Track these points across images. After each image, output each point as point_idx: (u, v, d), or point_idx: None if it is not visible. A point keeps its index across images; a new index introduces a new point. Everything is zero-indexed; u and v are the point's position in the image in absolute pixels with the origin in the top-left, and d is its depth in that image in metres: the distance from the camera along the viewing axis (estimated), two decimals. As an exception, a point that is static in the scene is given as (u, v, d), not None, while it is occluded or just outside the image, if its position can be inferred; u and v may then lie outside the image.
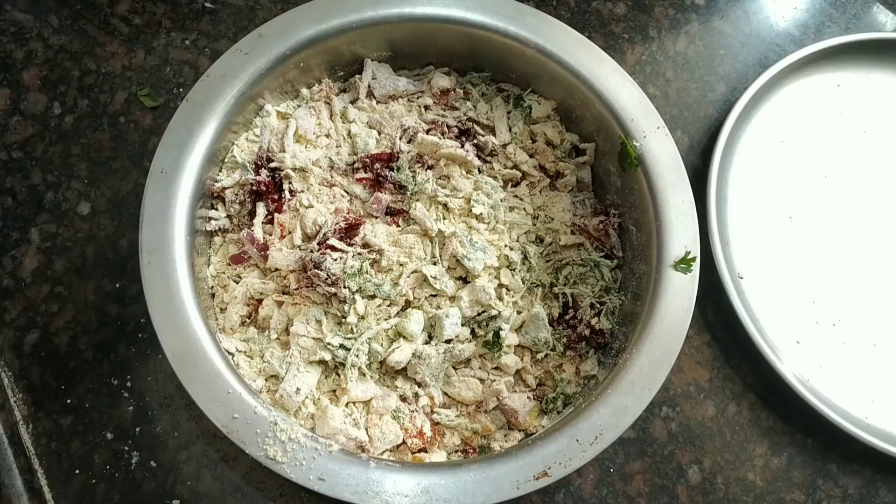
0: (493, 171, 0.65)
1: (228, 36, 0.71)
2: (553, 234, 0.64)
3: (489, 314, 0.59)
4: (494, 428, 0.58)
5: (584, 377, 0.60)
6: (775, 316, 0.68)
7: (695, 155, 0.73)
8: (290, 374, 0.55)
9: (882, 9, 0.81)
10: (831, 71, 0.77)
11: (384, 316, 0.58)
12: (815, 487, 0.64)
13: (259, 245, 0.59)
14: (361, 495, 0.49)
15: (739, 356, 0.67)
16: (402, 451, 0.56)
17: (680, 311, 0.57)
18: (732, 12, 0.79)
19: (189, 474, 0.58)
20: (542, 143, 0.66)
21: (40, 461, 0.58)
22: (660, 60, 0.76)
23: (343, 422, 0.54)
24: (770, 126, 0.74)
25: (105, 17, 0.71)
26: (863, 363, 0.68)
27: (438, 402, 0.58)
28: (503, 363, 0.59)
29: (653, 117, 0.61)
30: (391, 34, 0.63)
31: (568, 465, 0.52)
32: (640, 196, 0.61)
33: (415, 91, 0.66)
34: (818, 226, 0.72)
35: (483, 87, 0.68)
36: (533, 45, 0.62)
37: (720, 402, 0.66)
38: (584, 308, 0.61)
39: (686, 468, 0.63)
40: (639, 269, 0.61)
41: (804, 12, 0.80)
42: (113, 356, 0.61)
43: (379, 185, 0.62)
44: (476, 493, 0.50)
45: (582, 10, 0.76)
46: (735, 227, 0.70)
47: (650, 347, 0.55)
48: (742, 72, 0.77)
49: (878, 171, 0.74)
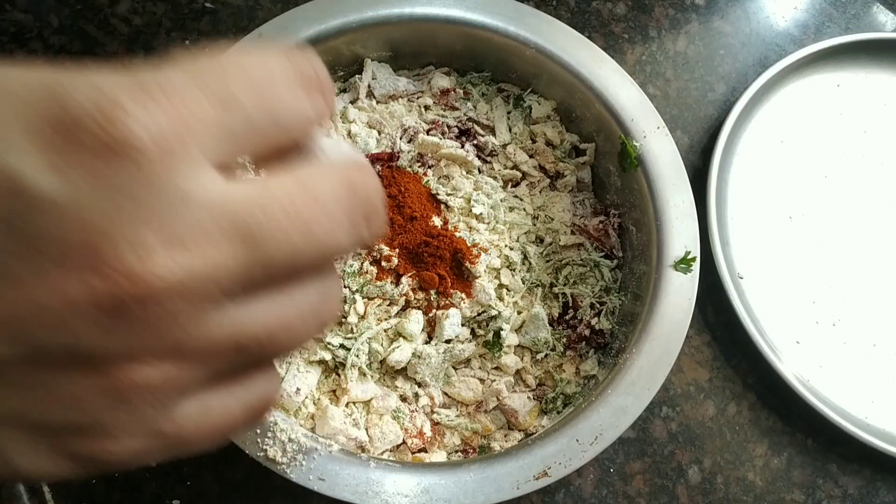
0: (493, 172, 0.65)
1: (228, 36, 0.71)
2: (553, 235, 0.64)
3: (489, 314, 0.59)
4: (494, 428, 0.58)
5: (584, 377, 0.60)
6: (775, 316, 0.68)
7: (695, 155, 0.73)
8: (290, 374, 0.55)
9: (882, 9, 0.81)
10: (831, 71, 0.77)
11: (384, 316, 0.58)
12: (815, 487, 0.64)
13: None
14: (361, 495, 0.49)
15: (739, 356, 0.67)
16: (402, 451, 0.57)
17: (680, 311, 0.57)
18: (732, 12, 0.79)
19: (189, 474, 0.58)
20: (542, 144, 0.66)
21: (40, 461, 0.58)
22: (660, 60, 0.76)
23: (343, 422, 0.54)
24: (770, 126, 0.74)
25: (105, 17, 0.71)
26: (863, 363, 0.68)
27: (438, 402, 0.58)
28: (503, 363, 0.59)
29: (653, 117, 0.61)
30: (391, 34, 0.63)
31: (568, 465, 0.52)
32: (640, 196, 0.61)
33: (415, 91, 0.66)
34: (818, 226, 0.72)
35: (483, 87, 0.68)
36: (533, 45, 0.62)
37: (720, 402, 0.66)
38: (584, 308, 0.61)
39: (686, 468, 0.63)
40: (639, 269, 0.61)
41: (804, 12, 0.80)
42: (113, 356, 0.61)
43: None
44: (476, 493, 0.50)
45: (582, 10, 0.76)
46: (735, 227, 0.70)
47: (650, 347, 0.55)
48: (742, 72, 0.77)
49: (878, 171, 0.74)
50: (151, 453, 0.21)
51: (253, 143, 0.21)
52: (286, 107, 0.21)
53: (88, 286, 0.18)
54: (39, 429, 0.20)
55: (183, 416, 0.21)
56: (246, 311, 0.20)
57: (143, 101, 0.18)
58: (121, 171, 0.18)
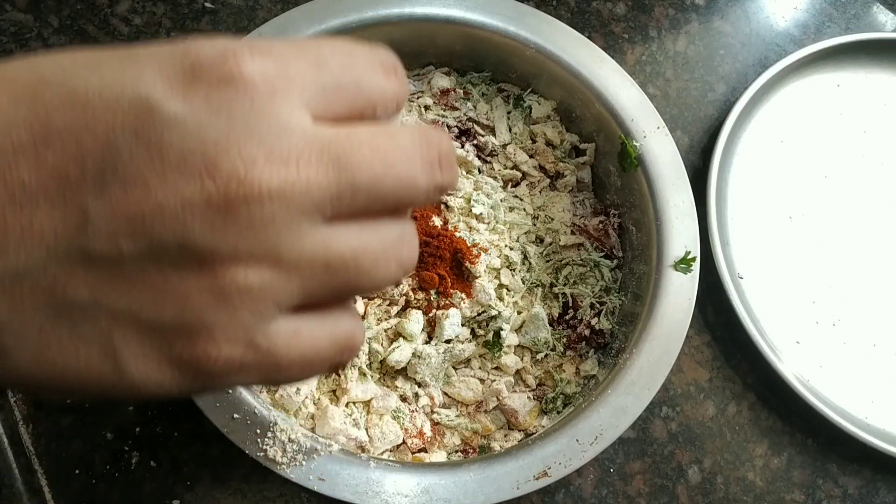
0: (493, 172, 0.65)
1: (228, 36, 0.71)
2: (553, 234, 0.64)
3: (489, 314, 0.59)
4: (494, 428, 0.58)
5: (584, 377, 0.60)
6: (775, 316, 0.68)
7: (695, 155, 0.73)
8: (290, 374, 0.55)
9: (882, 9, 0.81)
10: (831, 71, 0.77)
11: (384, 316, 0.58)
12: (815, 487, 0.64)
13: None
14: (361, 495, 0.49)
15: (739, 356, 0.67)
16: (402, 451, 0.57)
17: (680, 311, 0.57)
18: (732, 12, 0.79)
19: (189, 474, 0.58)
20: (542, 144, 0.66)
21: (40, 461, 0.58)
22: (660, 60, 0.76)
23: (343, 422, 0.54)
24: (770, 126, 0.74)
25: (105, 17, 0.71)
26: (863, 363, 0.68)
27: (438, 402, 0.58)
28: (503, 363, 0.59)
29: (653, 117, 0.61)
30: (391, 34, 0.63)
31: (568, 465, 0.52)
32: (640, 196, 0.61)
33: (415, 91, 0.66)
34: (818, 226, 0.72)
35: (483, 87, 0.68)
36: (533, 45, 0.62)
37: (720, 402, 0.66)
38: (584, 308, 0.61)
39: (686, 468, 0.63)
40: (639, 269, 0.61)
41: (804, 12, 0.80)
42: (113, 356, 0.61)
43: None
44: (476, 493, 0.50)
45: (582, 10, 0.76)
46: (735, 227, 0.70)
47: (650, 347, 0.55)
48: (742, 72, 0.77)
49: (878, 171, 0.74)
50: (246, 368, 0.24)
51: (340, 103, 0.24)
52: (368, 78, 0.25)
53: (203, 188, 0.21)
54: (150, 328, 0.22)
55: (276, 332, 0.24)
56: (336, 233, 0.23)
57: (256, 53, 0.23)
58: (235, 100, 0.21)
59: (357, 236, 0.24)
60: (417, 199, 0.25)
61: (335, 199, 0.23)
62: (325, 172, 0.22)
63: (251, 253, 0.22)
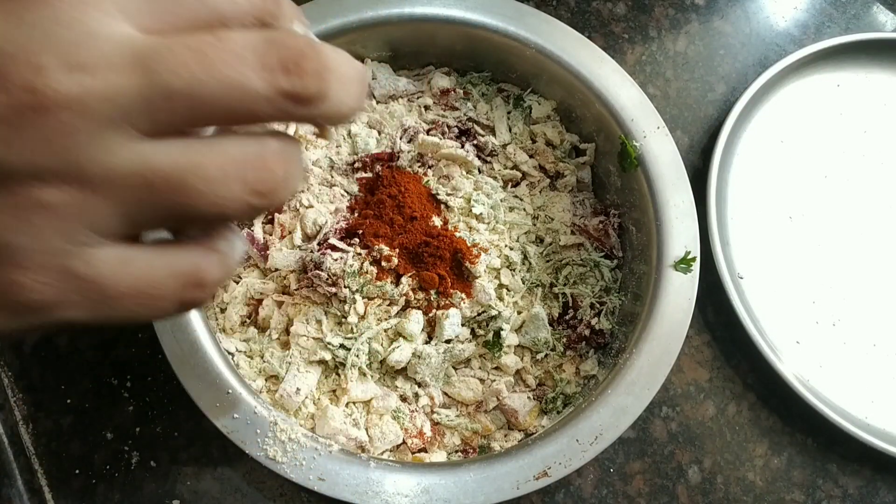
0: (493, 172, 0.65)
1: None
2: (553, 235, 0.64)
3: (489, 314, 0.59)
4: (494, 428, 0.58)
5: (584, 377, 0.60)
6: (775, 316, 0.68)
7: (695, 155, 0.73)
8: (291, 374, 0.55)
9: (882, 9, 0.81)
10: (831, 71, 0.77)
11: (384, 316, 0.58)
12: (815, 487, 0.64)
13: (259, 245, 0.59)
14: (361, 495, 0.49)
15: (739, 356, 0.67)
16: (402, 451, 0.57)
17: (680, 311, 0.57)
18: (732, 12, 0.79)
19: (189, 474, 0.58)
20: (542, 144, 0.66)
21: (40, 461, 0.58)
22: (660, 60, 0.76)
23: (343, 422, 0.54)
24: (770, 126, 0.74)
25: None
26: (863, 363, 0.68)
27: (438, 402, 0.58)
28: (503, 363, 0.59)
29: (653, 117, 0.61)
30: (391, 34, 0.63)
31: (568, 465, 0.52)
32: (640, 196, 0.61)
33: (415, 91, 0.66)
34: (818, 226, 0.72)
35: (483, 87, 0.68)
36: (533, 45, 0.62)
37: (720, 402, 0.66)
38: (584, 308, 0.61)
39: (686, 468, 0.63)
40: (639, 269, 0.61)
41: (804, 12, 0.80)
42: (113, 356, 0.61)
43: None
44: (476, 493, 0.50)
45: (582, 10, 0.76)
46: (735, 227, 0.70)
47: (650, 347, 0.55)
48: (742, 72, 0.77)
49: (878, 171, 0.74)
50: (69, 300, 0.22)
51: (175, 14, 0.22)
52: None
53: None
54: None
55: (98, 259, 0.22)
56: (156, 148, 0.21)
57: None
58: (34, 10, 0.20)
59: (183, 152, 0.22)
60: (259, 108, 0.22)
61: (146, 108, 0.21)
62: (129, 77, 0.20)
63: (49, 168, 0.20)
